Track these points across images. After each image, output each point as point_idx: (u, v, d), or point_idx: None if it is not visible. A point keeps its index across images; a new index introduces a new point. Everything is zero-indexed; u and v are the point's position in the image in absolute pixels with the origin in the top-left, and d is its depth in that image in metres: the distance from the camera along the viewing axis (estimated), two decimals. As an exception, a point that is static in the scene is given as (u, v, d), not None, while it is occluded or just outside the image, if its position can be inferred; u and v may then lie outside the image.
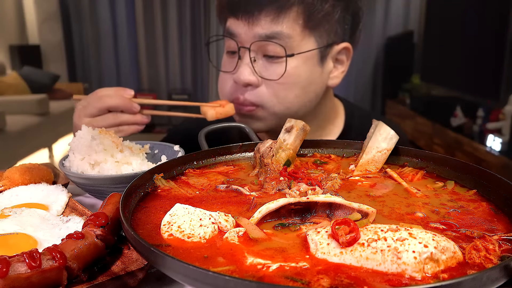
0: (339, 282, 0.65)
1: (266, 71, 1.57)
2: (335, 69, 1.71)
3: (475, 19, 5.01)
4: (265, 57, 1.57)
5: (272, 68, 1.57)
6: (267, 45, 1.54)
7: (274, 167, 1.10)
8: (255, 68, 1.57)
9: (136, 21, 8.08)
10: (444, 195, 0.99)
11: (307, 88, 1.63)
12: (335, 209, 0.86)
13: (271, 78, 1.57)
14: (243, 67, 1.58)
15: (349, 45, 1.69)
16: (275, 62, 1.57)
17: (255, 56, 1.57)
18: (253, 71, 1.57)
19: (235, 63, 1.61)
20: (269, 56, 1.56)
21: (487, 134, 4.72)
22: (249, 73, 1.57)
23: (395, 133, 1.17)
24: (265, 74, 1.57)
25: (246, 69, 1.57)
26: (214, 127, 1.36)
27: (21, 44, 7.90)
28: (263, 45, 1.54)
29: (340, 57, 1.71)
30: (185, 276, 0.64)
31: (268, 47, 1.54)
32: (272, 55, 1.55)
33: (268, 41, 1.53)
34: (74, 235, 0.78)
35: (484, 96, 5.02)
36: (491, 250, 0.73)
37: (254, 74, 1.57)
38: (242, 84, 1.58)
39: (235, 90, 1.63)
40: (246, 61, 1.57)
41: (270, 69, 1.57)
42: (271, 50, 1.54)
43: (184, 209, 0.84)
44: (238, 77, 1.58)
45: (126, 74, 8.35)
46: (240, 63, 1.59)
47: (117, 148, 1.25)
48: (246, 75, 1.56)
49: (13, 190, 1.13)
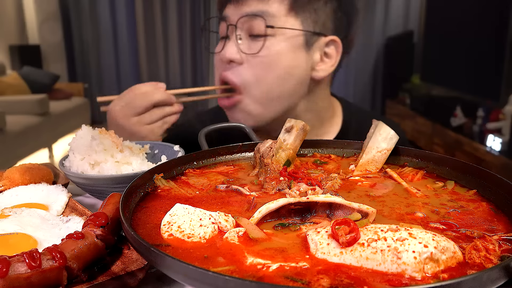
0: (339, 282, 0.65)
1: (249, 49, 1.64)
2: (323, 62, 1.72)
3: (475, 19, 5.01)
4: (250, 36, 1.63)
5: (255, 45, 1.63)
6: (252, 21, 1.60)
7: (274, 167, 1.10)
8: (240, 46, 1.64)
9: (136, 21, 8.09)
10: (444, 195, 0.99)
11: (289, 71, 1.65)
12: (335, 209, 0.86)
13: (251, 52, 1.63)
14: (229, 45, 1.65)
15: (336, 38, 1.71)
16: (258, 40, 1.62)
17: (241, 34, 1.64)
18: (238, 48, 1.64)
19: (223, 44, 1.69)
20: (254, 36, 1.62)
21: (487, 134, 4.72)
22: (233, 50, 1.64)
23: (395, 133, 1.17)
24: (248, 50, 1.64)
25: (232, 46, 1.64)
26: (214, 127, 1.36)
27: (21, 44, 7.90)
28: (248, 21, 1.61)
29: (328, 51, 1.72)
30: (185, 276, 0.64)
31: (253, 24, 1.60)
32: (256, 33, 1.61)
33: (252, 17, 1.60)
34: (74, 235, 0.78)
35: (484, 96, 5.02)
36: (491, 250, 0.73)
37: (239, 52, 1.64)
38: (226, 60, 1.65)
39: (220, 68, 1.70)
40: (232, 39, 1.65)
41: (253, 46, 1.63)
42: (255, 27, 1.60)
43: (184, 209, 0.84)
44: (224, 55, 1.65)
45: (126, 74, 8.36)
46: (226, 42, 1.67)
47: (117, 148, 1.25)
48: (230, 52, 1.64)
49: (13, 190, 1.13)
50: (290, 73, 1.65)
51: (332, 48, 1.72)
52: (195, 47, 8.05)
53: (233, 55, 1.63)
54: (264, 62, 1.62)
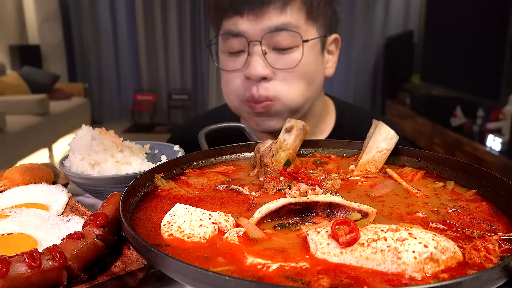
0: (339, 282, 0.65)
1: (278, 63, 1.61)
2: (328, 60, 1.78)
3: (475, 19, 5.01)
4: (274, 50, 1.60)
5: (283, 59, 1.61)
6: (277, 36, 1.57)
7: (274, 167, 1.10)
8: (267, 60, 1.60)
9: (136, 21, 8.09)
10: (444, 195, 0.99)
11: (314, 77, 1.68)
12: (335, 209, 0.86)
13: (286, 67, 1.61)
14: (255, 61, 1.60)
15: (338, 36, 1.76)
16: (286, 53, 1.60)
17: (266, 49, 1.60)
18: (266, 63, 1.60)
19: (242, 61, 1.63)
20: (279, 49, 1.60)
21: (487, 134, 4.72)
22: (262, 67, 1.59)
23: (395, 133, 1.17)
24: (278, 65, 1.61)
25: (259, 62, 1.59)
26: (214, 127, 1.36)
27: (21, 44, 7.90)
28: (273, 36, 1.58)
29: (331, 48, 1.76)
30: (185, 276, 0.64)
31: (278, 39, 1.58)
32: (283, 47, 1.59)
33: (278, 32, 1.57)
34: (74, 235, 0.78)
35: (484, 96, 5.02)
36: (491, 250, 0.73)
37: (268, 66, 1.60)
38: (256, 78, 1.60)
39: (247, 87, 1.65)
40: (257, 55, 1.60)
41: (281, 60, 1.61)
42: (282, 41, 1.58)
43: (184, 209, 0.84)
44: (251, 72, 1.60)
45: (126, 74, 8.36)
46: (250, 59, 1.61)
47: (117, 148, 1.25)
48: (259, 69, 1.59)
49: (13, 190, 1.13)
50: (314, 79, 1.69)
51: (334, 45, 1.76)
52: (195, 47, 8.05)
53: (264, 72, 1.60)
54: (296, 74, 1.62)
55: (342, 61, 7.65)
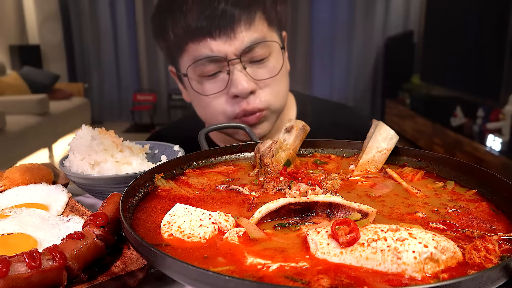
0: (339, 282, 0.65)
1: (258, 74, 1.69)
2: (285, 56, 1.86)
3: (475, 19, 5.01)
4: (251, 63, 1.68)
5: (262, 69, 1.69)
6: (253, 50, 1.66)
7: (274, 167, 1.10)
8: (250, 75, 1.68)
9: (136, 21, 8.08)
10: (444, 195, 0.99)
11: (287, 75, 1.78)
12: (335, 209, 0.86)
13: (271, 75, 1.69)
14: (238, 78, 1.66)
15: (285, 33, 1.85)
16: (262, 63, 1.69)
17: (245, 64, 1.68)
18: (249, 78, 1.67)
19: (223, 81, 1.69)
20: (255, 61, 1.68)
21: (487, 134, 4.72)
22: (246, 81, 1.66)
23: (395, 133, 1.17)
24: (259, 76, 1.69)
25: (242, 77, 1.66)
26: (214, 127, 1.36)
27: (21, 44, 7.90)
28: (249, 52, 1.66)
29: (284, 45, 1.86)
30: (185, 276, 0.64)
31: (254, 53, 1.67)
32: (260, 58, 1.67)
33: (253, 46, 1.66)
34: (74, 235, 0.77)
35: (484, 96, 5.02)
36: (491, 250, 0.73)
37: (251, 80, 1.68)
38: (244, 93, 1.66)
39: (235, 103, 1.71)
40: (238, 71, 1.67)
41: (259, 71, 1.69)
42: (257, 55, 1.67)
43: (184, 209, 0.84)
44: (238, 89, 1.66)
45: (126, 74, 8.35)
46: (232, 77, 1.68)
47: (117, 148, 1.25)
48: (244, 84, 1.66)
49: (13, 190, 1.13)
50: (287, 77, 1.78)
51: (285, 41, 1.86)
52: (195, 47, 8.04)
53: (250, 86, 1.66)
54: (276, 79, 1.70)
55: (342, 61, 7.65)
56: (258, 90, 1.69)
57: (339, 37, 7.49)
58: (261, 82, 1.69)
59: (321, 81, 7.54)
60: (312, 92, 6.74)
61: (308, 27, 7.48)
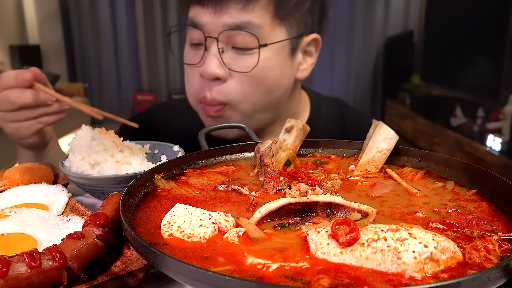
0: (339, 282, 0.65)
1: (235, 63, 1.46)
2: (304, 61, 1.62)
3: (475, 19, 5.01)
4: (233, 48, 1.45)
5: (242, 60, 1.45)
6: (236, 35, 1.42)
7: (274, 167, 1.10)
8: (223, 59, 1.45)
9: (136, 21, 8.09)
10: (444, 195, 0.99)
11: (277, 82, 1.52)
12: (335, 209, 0.86)
13: (241, 70, 1.45)
14: (210, 59, 1.45)
15: (318, 37, 1.60)
16: (245, 53, 1.45)
17: (224, 47, 1.45)
18: (221, 63, 1.45)
19: (200, 55, 1.49)
20: (238, 48, 1.45)
21: (487, 134, 4.73)
22: (216, 65, 1.44)
23: (395, 133, 1.17)
24: (235, 66, 1.46)
25: (214, 60, 1.44)
26: (214, 127, 1.36)
27: (21, 44, 7.90)
28: (232, 35, 1.43)
29: (309, 49, 1.61)
30: (185, 276, 0.64)
31: (237, 38, 1.43)
32: (241, 47, 1.44)
33: (237, 31, 1.42)
34: (74, 235, 0.78)
35: (484, 96, 5.02)
36: (491, 250, 0.73)
37: (223, 66, 1.45)
38: (209, 77, 1.46)
39: (201, 86, 1.51)
40: (214, 52, 1.45)
41: (239, 61, 1.45)
42: (241, 41, 1.43)
43: (184, 209, 0.84)
44: (205, 70, 1.45)
45: (126, 74, 8.36)
46: (206, 55, 1.47)
47: (117, 148, 1.25)
48: (213, 67, 1.44)
49: (13, 190, 1.13)
50: (278, 84, 1.54)
51: (312, 46, 1.62)
52: (195, 47, 8.04)
53: (217, 72, 1.45)
54: (253, 78, 1.47)
55: (342, 61, 7.66)
56: (227, 80, 1.47)
57: (339, 37, 7.50)
58: (235, 74, 1.46)
59: (321, 81, 7.54)
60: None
61: (308, 27, 7.47)
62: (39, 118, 1.38)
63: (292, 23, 1.51)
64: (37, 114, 1.37)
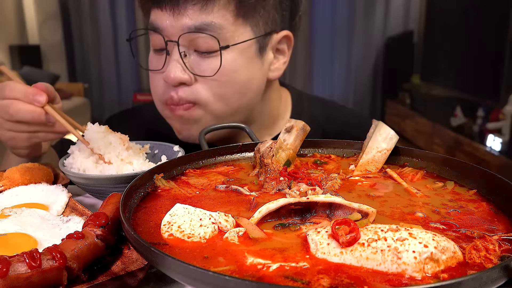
0: (339, 282, 0.65)
1: (198, 67, 1.41)
2: (276, 60, 1.56)
3: (475, 19, 5.02)
4: (196, 52, 1.41)
5: (205, 63, 1.40)
6: (197, 38, 1.37)
7: (274, 167, 1.10)
8: (186, 64, 1.40)
9: (136, 21, 8.09)
10: (444, 195, 0.99)
11: (247, 84, 1.47)
12: (335, 209, 0.86)
13: (204, 74, 1.41)
14: (172, 64, 1.40)
15: (289, 33, 1.53)
16: (208, 57, 1.40)
17: (186, 51, 1.41)
18: (184, 67, 1.40)
19: (163, 61, 1.44)
20: (201, 52, 1.40)
21: (487, 134, 4.73)
22: (180, 70, 1.39)
23: (395, 133, 1.17)
24: (198, 70, 1.41)
25: (176, 66, 1.39)
26: (214, 127, 1.36)
27: (21, 44, 7.91)
28: (192, 38, 1.38)
29: (280, 47, 1.55)
30: (185, 276, 0.64)
31: (198, 41, 1.38)
32: (204, 50, 1.39)
33: (197, 33, 1.36)
34: (74, 235, 0.78)
35: (484, 96, 5.03)
36: (491, 250, 0.73)
37: (186, 70, 1.40)
38: (173, 82, 1.41)
39: (166, 89, 1.46)
40: (175, 57, 1.40)
41: (202, 64, 1.40)
42: (202, 44, 1.38)
43: (184, 209, 0.84)
44: (168, 76, 1.40)
45: (126, 74, 8.36)
46: (169, 60, 1.42)
47: (124, 145, 1.26)
48: (176, 72, 1.39)
49: (13, 190, 1.13)
50: (248, 86, 1.49)
51: (284, 44, 1.55)
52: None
53: (181, 77, 1.40)
54: (219, 81, 1.42)
55: (342, 61, 7.66)
56: (193, 84, 1.42)
57: (339, 37, 7.50)
58: (200, 78, 1.42)
59: (321, 81, 7.55)
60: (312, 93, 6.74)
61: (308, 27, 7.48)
62: (37, 133, 1.31)
63: (258, 21, 1.44)
64: (36, 130, 1.30)
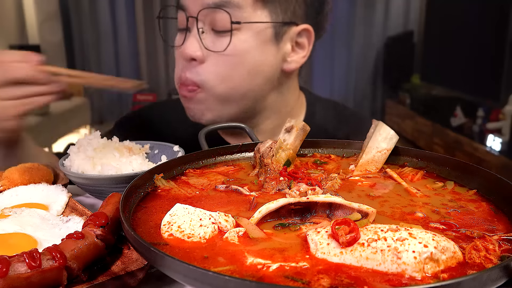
0: (339, 282, 0.65)
1: (213, 45, 1.47)
2: (294, 53, 1.60)
3: (475, 19, 5.01)
4: (213, 30, 1.47)
5: (219, 41, 1.46)
6: (215, 14, 1.43)
7: (274, 167, 1.10)
8: (202, 41, 1.47)
9: (136, 21, 8.09)
10: (444, 195, 0.99)
11: (257, 68, 1.51)
12: (335, 209, 0.86)
13: (217, 50, 1.46)
14: (189, 40, 1.48)
15: (309, 27, 1.57)
16: (223, 35, 1.46)
17: (203, 28, 1.47)
18: (200, 44, 1.47)
19: (183, 37, 1.52)
20: (217, 31, 1.46)
21: (487, 134, 4.73)
22: (195, 46, 1.47)
23: (395, 133, 1.17)
24: (212, 47, 1.47)
25: (193, 42, 1.47)
26: (214, 127, 1.36)
27: (21, 44, 7.89)
28: (210, 14, 1.44)
29: (300, 40, 1.59)
30: (185, 276, 0.64)
31: (215, 17, 1.44)
32: (220, 29, 1.45)
33: (216, 9, 1.42)
34: (74, 235, 0.78)
35: (484, 96, 5.02)
36: (491, 250, 0.73)
37: (201, 47, 1.47)
38: (186, 57, 1.48)
39: (182, 68, 1.54)
40: (194, 33, 1.47)
41: (217, 42, 1.47)
42: (219, 21, 1.44)
43: (184, 209, 0.84)
44: (183, 51, 1.48)
45: (126, 74, 8.35)
46: (188, 36, 1.49)
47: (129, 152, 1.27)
48: (191, 48, 1.47)
49: (13, 190, 1.13)
50: (258, 70, 1.52)
51: (304, 37, 1.59)
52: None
53: (195, 53, 1.47)
54: (230, 60, 1.47)
55: (342, 61, 7.66)
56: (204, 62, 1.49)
57: (339, 37, 7.49)
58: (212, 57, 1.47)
59: (321, 81, 7.54)
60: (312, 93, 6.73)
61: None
62: (30, 98, 1.29)
63: (276, 7, 1.49)
64: (29, 93, 1.28)
